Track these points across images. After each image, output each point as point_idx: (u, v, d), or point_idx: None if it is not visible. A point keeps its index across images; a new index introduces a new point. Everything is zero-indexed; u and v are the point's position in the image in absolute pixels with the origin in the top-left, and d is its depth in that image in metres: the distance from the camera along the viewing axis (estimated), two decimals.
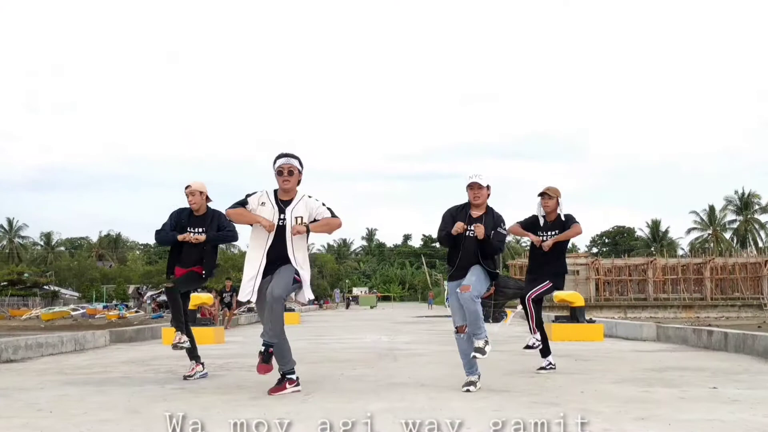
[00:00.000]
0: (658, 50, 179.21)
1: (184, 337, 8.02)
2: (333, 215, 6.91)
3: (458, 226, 7.04)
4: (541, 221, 8.65)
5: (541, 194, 8.64)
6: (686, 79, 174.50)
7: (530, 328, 8.56)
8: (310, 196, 6.93)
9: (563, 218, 8.56)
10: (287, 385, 6.73)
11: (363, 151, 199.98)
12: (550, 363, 8.57)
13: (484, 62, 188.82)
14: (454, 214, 7.26)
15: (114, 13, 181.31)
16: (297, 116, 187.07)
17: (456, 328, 7.14)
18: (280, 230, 6.72)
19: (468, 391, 6.75)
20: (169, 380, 7.98)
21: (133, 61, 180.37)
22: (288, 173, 6.76)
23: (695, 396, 6.35)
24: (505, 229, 7.24)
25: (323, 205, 6.90)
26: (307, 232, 6.69)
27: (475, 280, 6.93)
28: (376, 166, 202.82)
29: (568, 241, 8.72)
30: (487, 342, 6.86)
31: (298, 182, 6.92)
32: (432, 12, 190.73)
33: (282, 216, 6.75)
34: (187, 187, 8.25)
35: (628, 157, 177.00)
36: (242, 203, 6.83)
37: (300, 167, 6.88)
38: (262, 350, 6.65)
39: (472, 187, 7.11)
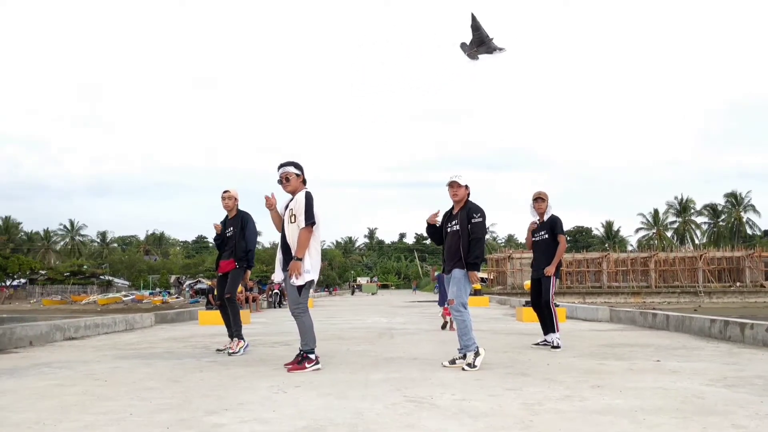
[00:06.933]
0: (616, 75, 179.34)
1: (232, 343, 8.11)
2: (305, 218, 6.36)
3: (430, 217, 6.83)
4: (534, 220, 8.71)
5: (535, 198, 8.63)
6: (637, 100, 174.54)
7: (555, 328, 8.44)
8: (308, 191, 6.53)
9: (550, 219, 8.54)
10: (306, 365, 6.31)
11: (365, 163, 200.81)
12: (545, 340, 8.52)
13: (462, 90, 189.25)
14: (443, 215, 6.93)
15: (149, 46, 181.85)
16: (311, 134, 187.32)
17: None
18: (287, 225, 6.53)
19: (445, 366, 6.48)
20: (204, 354, 7.96)
21: (166, 89, 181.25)
22: (285, 180, 6.55)
23: (642, 368, 6.34)
24: (479, 217, 6.61)
25: (305, 202, 6.40)
26: (300, 260, 6.29)
27: (456, 291, 6.56)
28: (377, 176, 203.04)
29: (556, 241, 8.50)
30: (477, 353, 6.39)
31: (303, 182, 6.64)
32: (421, 50, 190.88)
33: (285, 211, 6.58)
34: (225, 192, 8.34)
35: (588, 167, 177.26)
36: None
37: (297, 170, 6.58)
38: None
39: (452, 185, 6.74)
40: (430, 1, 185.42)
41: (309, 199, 6.45)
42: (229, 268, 8.19)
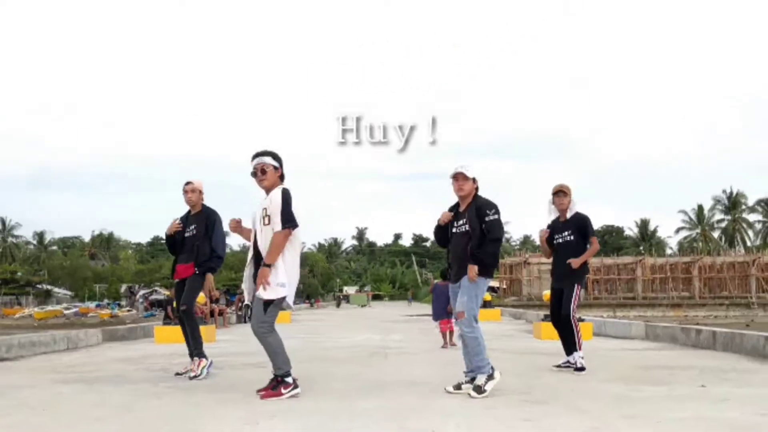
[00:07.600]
0: (646, 52, 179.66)
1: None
2: (281, 219, 6.30)
3: (443, 216, 6.75)
4: (551, 220, 8.67)
5: (556, 192, 8.51)
6: (672, 83, 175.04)
7: (578, 346, 8.36)
8: (285, 188, 6.49)
9: (576, 217, 8.46)
10: (283, 390, 6.25)
11: (352, 151, 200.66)
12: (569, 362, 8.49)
13: (464, 66, 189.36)
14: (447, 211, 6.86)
15: (106, 17, 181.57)
16: (292, 121, 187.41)
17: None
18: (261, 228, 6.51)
19: (449, 392, 6.46)
20: (163, 378, 7.96)
21: (122, 63, 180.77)
22: (261, 172, 6.50)
23: (683, 394, 6.36)
24: (493, 214, 6.54)
25: (281, 201, 6.35)
26: (269, 266, 6.23)
27: (466, 301, 6.49)
28: (366, 167, 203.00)
29: (583, 243, 8.46)
30: (491, 377, 6.37)
31: (281, 177, 6.59)
32: (416, 27, 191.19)
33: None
34: (187, 184, 8.25)
35: (616, 157, 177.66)
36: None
37: (275, 162, 6.54)
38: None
39: (457, 178, 6.66)
40: (430, 1, 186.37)
41: (286, 197, 6.39)
42: (188, 274, 8.15)
